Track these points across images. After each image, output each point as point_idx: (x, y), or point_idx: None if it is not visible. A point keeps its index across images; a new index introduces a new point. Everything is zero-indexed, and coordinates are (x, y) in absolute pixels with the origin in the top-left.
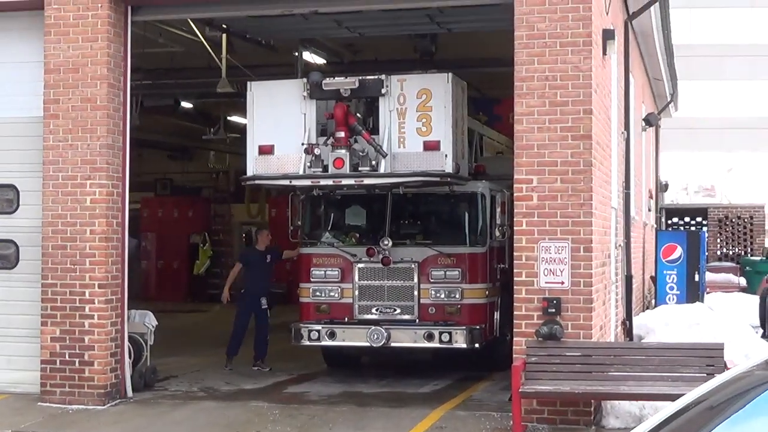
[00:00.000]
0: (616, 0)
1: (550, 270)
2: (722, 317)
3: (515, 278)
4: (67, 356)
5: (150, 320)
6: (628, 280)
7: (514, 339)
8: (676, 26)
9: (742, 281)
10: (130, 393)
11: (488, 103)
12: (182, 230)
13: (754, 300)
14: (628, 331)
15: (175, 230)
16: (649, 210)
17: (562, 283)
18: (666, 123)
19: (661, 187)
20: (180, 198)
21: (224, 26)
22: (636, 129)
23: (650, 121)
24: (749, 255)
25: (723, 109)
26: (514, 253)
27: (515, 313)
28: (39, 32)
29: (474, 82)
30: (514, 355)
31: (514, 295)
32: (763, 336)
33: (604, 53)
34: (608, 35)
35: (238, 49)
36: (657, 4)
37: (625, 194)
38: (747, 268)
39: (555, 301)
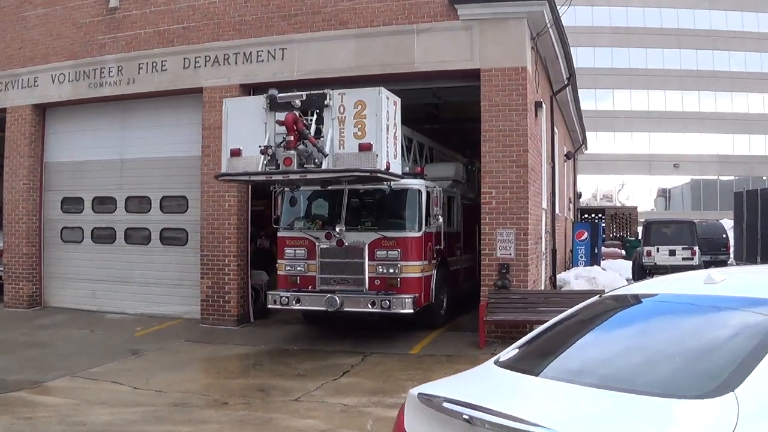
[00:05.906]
0: (544, 83)
1: (503, 246)
2: (610, 274)
3: (482, 251)
4: (215, 297)
5: (263, 276)
6: (554, 252)
7: (481, 288)
8: (585, 98)
9: (624, 252)
10: (252, 319)
11: (471, 145)
12: None
13: (629, 263)
14: (553, 284)
15: None
16: (569, 210)
17: (510, 254)
18: (581, 157)
19: (577, 196)
20: None
21: None
22: (560, 161)
23: (568, 156)
24: (628, 237)
25: (615, 149)
26: (481, 236)
27: (482, 272)
28: (199, 106)
29: (465, 132)
30: (481, 298)
31: (481, 262)
32: None
33: (536, 116)
34: (538, 105)
35: None
36: (570, 86)
37: (551, 200)
38: (627, 244)
39: (506, 265)
